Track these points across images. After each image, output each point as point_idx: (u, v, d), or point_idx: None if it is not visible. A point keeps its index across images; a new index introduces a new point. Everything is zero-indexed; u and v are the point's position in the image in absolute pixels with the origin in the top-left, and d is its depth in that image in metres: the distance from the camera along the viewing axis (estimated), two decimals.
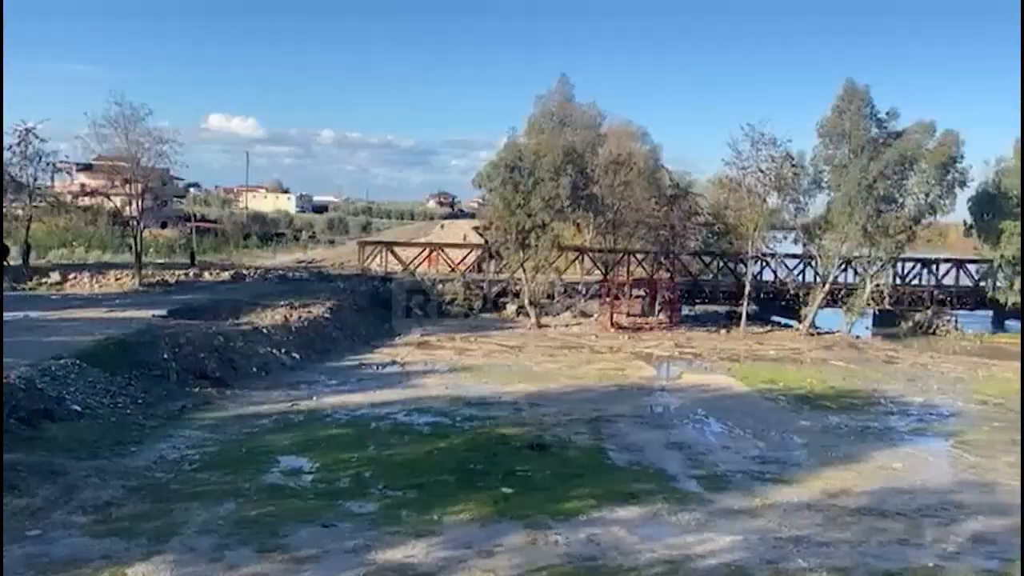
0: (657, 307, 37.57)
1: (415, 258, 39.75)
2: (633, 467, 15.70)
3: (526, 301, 34.93)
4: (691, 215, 38.68)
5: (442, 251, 40.95)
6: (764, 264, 39.77)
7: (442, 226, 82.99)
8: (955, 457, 17.78)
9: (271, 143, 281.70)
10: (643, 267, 39.41)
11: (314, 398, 20.27)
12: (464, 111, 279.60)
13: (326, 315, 29.21)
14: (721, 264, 41.21)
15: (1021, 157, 34.92)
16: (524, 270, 34.80)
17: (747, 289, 36.55)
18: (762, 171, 35.82)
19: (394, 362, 25.97)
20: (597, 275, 38.68)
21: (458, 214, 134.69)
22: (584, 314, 36.71)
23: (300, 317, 27.89)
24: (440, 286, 37.07)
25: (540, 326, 34.16)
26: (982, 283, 39.70)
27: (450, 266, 39.55)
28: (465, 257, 41.10)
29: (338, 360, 25.73)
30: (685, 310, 39.88)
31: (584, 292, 37.63)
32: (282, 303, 29.63)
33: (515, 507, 12.97)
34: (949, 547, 12.18)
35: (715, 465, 16.04)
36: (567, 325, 35.12)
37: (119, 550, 10.48)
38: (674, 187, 39.97)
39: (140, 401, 18.42)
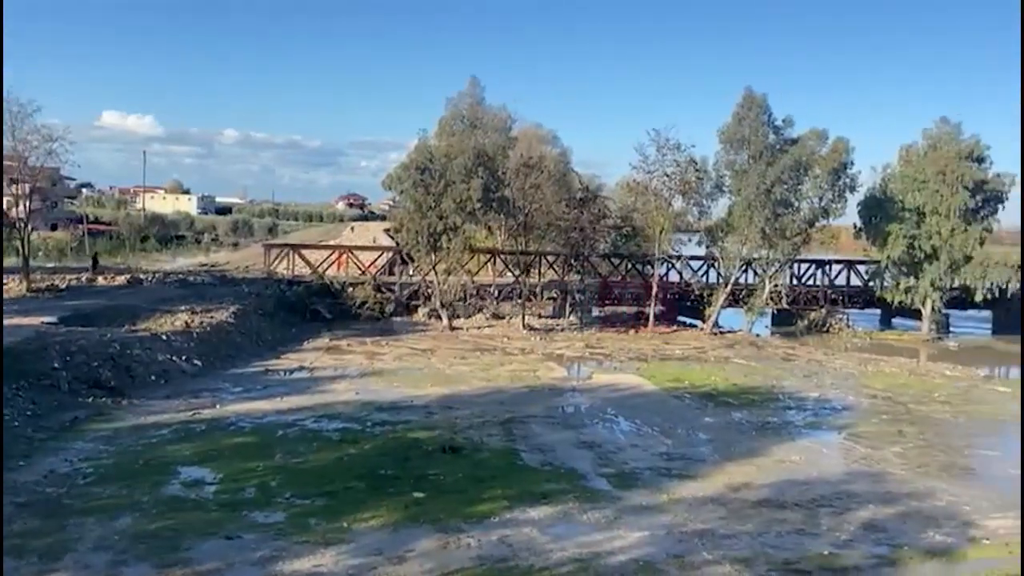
0: (568, 308, 38.07)
1: (324, 261, 38.95)
2: (545, 467, 15.84)
3: (438, 304, 34.78)
4: (600, 218, 39.30)
5: (352, 254, 40.29)
6: (670, 266, 40.91)
7: (352, 228, 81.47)
8: (847, 449, 18.70)
9: (170, 142, 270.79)
10: (554, 269, 39.85)
11: (217, 406, 19.57)
12: (373, 112, 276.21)
13: (230, 320, 28.27)
14: (630, 266, 42.11)
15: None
16: (436, 272, 34.64)
17: (654, 290, 37.51)
18: (668, 175, 36.85)
19: (302, 368, 25.38)
20: (509, 277, 38.86)
21: (368, 216, 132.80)
22: (496, 316, 36.84)
23: (202, 323, 26.89)
24: (350, 289, 36.47)
25: (452, 328, 34.07)
26: (871, 283, 41.93)
27: (360, 269, 38.97)
28: (376, 260, 40.58)
29: (243, 367, 24.93)
30: (595, 311, 40.55)
31: (496, 294, 37.77)
32: (183, 308, 28.49)
33: (427, 511, 12.89)
34: (842, 535, 12.81)
35: (624, 463, 16.36)
36: (479, 327, 35.16)
37: (8, 570, 9.87)
38: (584, 190, 40.54)
39: (28, 413, 17.38)
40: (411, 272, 37.94)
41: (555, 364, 27.89)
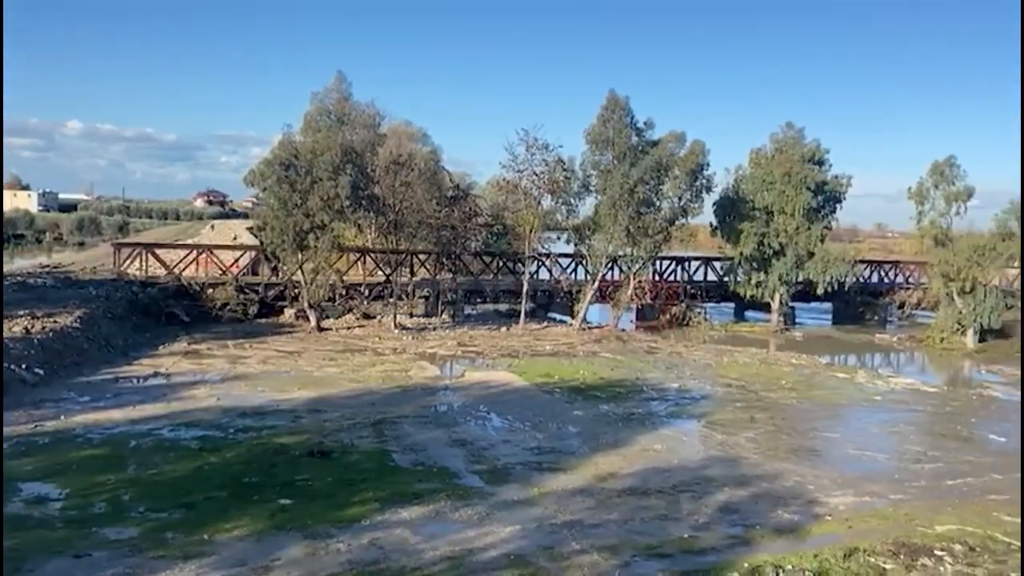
0: (440, 307, 38.01)
1: (181, 261, 36.97)
2: (417, 467, 15.74)
3: (305, 304, 33.80)
4: (472, 216, 39.46)
5: (212, 253, 38.47)
6: (540, 264, 41.66)
7: (212, 227, 77.71)
8: (705, 436, 19.69)
9: (7, 134, 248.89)
10: (426, 267, 39.65)
11: (62, 417, 18.16)
12: (235, 105, 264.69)
13: (76, 325, 26.28)
14: (501, 264, 42.53)
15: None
16: (303, 272, 33.64)
17: (525, 288, 38.07)
18: (537, 175, 37.45)
19: (157, 374, 23.97)
20: (380, 276, 38.33)
21: (230, 214, 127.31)
22: (367, 316, 36.25)
23: (44, 328, 24.86)
24: (210, 290, 34.82)
25: (321, 329, 33.21)
26: (726, 278, 44.32)
27: (221, 269, 37.26)
28: (238, 259, 38.93)
29: (91, 374, 23.27)
30: (468, 309, 40.70)
31: (367, 293, 37.16)
32: (22, 312, 26.24)
33: (294, 518, 12.51)
34: (701, 518, 13.49)
35: (496, 459, 16.52)
36: (349, 327, 34.47)
37: None
38: (455, 188, 40.57)
39: None
40: (276, 272, 36.67)
41: (427, 363, 27.76)
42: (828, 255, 41.39)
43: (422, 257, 39.41)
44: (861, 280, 45.93)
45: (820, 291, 41.98)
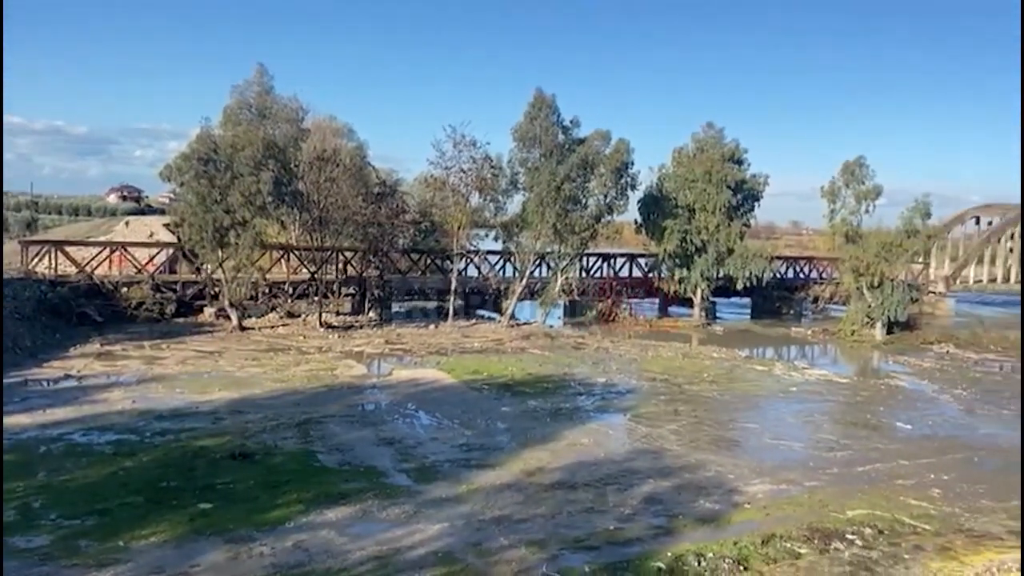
0: (368, 305, 37.56)
1: (93, 259, 35.44)
2: (343, 467, 15.54)
3: (226, 303, 32.89)
4: (399, 213, 39.13)
5: (126, 251, 37.00)
6: (469, 261, 41.63)
7: (127, 223, 74.62)
8: (631, 429, 20.06)
9: None
10: (352, 265, 39.11)
11: None
12: (150, 98, 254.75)
13: None
14: (429, 261, 42.33)
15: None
16: (223, 270, 32.71)
17: (454, 285, 37.99)
18: (464, 172, 37.42)
19: (68, 376, 22.96)
20: (305, 274, 37.61)
21: (145, 210, 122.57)
22: (291, 314, 35.53)
23: None
24: (124, 289, 33.52)
25: (243, 329, 32.38)
26: (650, 274, 45.26)
27: (136, 267, 35.93)
28: (154, 257, 37.61)
29: None
30: (396, 307, 40.35)
31: (291, 292, 36.41)
32: None
33: (215, 522, 12.19)
34: (627, 510, 13.74)
35: (425, 457, 16.45)
36: (273, 327, 33.72)
37: None
38: (382, 185, 40.18)
39: None
40: (195, 270, 35.57)
41: (354, 362, 27.40)
42: (747, 252, 42.66)
43: (348, 254, 38.84)
44: (778, 276, 47.51)
45: (740, 286, 43.26)
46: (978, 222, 59.00)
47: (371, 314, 37.31)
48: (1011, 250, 58.20)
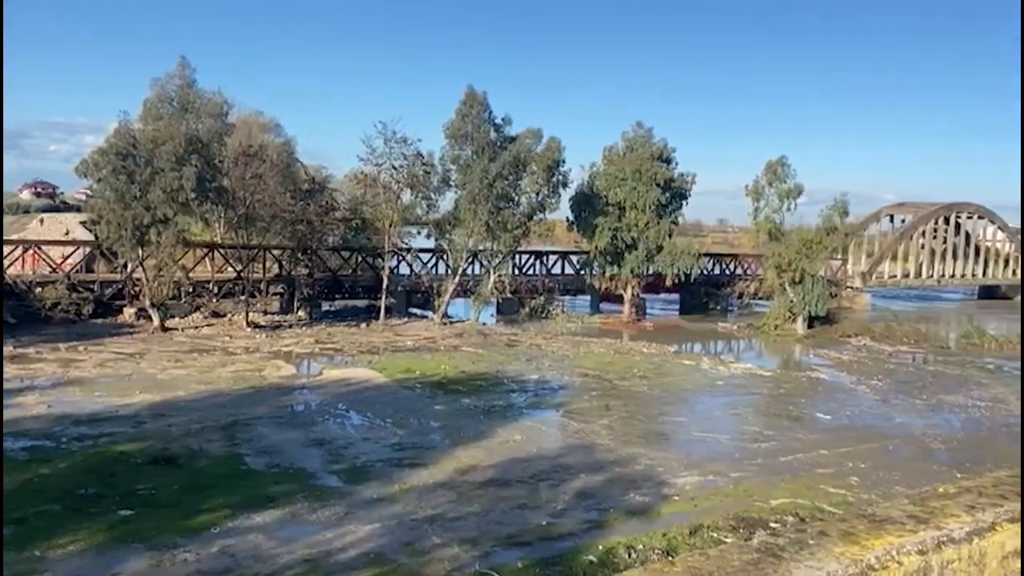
0: (296, 303, 36.86)
1: (5, 258, 33.75)
2: (272, 470, 15.21)
3: (147, 303, 31.79)
4: (329, 210, 38.54)
5: (40, 249, 35.38)
6: (401, 258, 41.29)
7: (41, 220, 71.31)
8: (563, 425, 20.23)
9: None
10: (280, 263, 38.31)
11: None
12: (64, 90, 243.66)
13: None
14: (360, 259, 41.80)
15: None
16: (144, 269, 31.61)
17: (385, 283, 37.61)
18: (396, 168, 37.11)
19: None
20: (231, 272, 36.66)
21: (61, 207, 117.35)
22: (216, 314, 34.59)
23: None
24: (39, 289, 32.05)
25: (165, 329, 31.35)
26: (582, 272, 45.79)
27: (51, 266, 34.38)
28: (70, 255, 36.07)
29: None
30: (326, 305, 39.73)
31: (216, 291, 35.44)
32: None
33: (137, 530, 11.78)
34: (559, 505, 13.85)
35: (356, 457, 16.25)
36: (197, 327, 32.75)
37: None
38: (311, 181, 39.51)
39: None
40: (114, 269, 34.26)
41: (283, 362, 26.84)
42: (676, 249, 43.55)
43: (276, 252, 38.05)
44: (705, 272, 48.69)
45: (669, 283, 44.15)
46: (892, 220, 61.70)
47: (300, 313, 36.64)
48: (923, 247, 61.04)
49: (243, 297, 34.41)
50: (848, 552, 1.70)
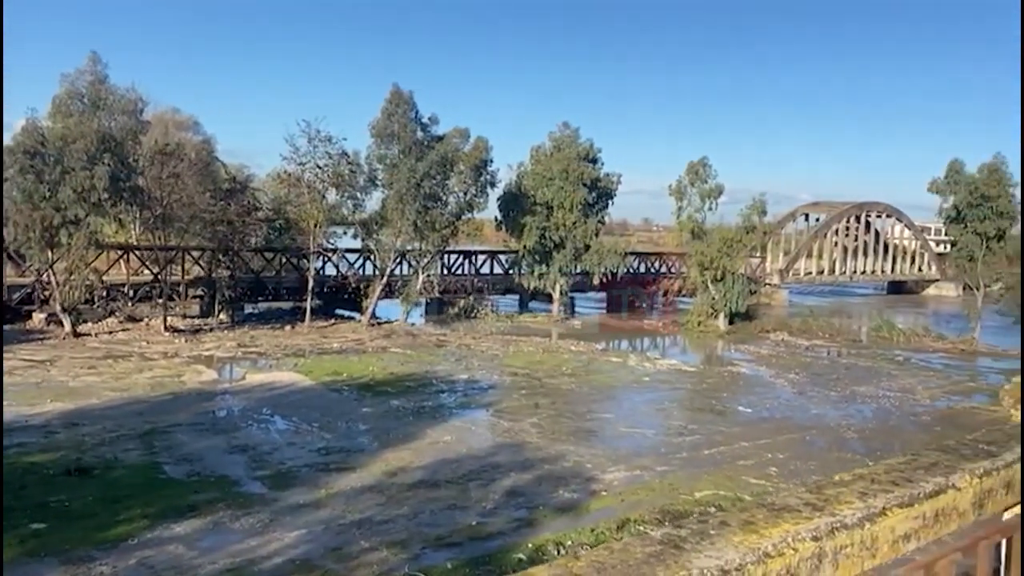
0: (218, 306, 35.84)
1: None
2: (192, 478, 14.75)
3: (58, 307, 30.38)
4: (251, 210, 37.58)
5: None
6: (326, 259, 40.62)
7: None
8: (493, 424, 20.28)
9: None
10: (200, 265, 37.19)
11: None
12: None
13: None
14: (284, 260, 40.94)
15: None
16: (54, 272, 30.21)
17: (310, 284, 36.94)
18: (320, 167, 36.49)
19: None
20: (148, 275, 35.39)
21: None
22: (132, 319, 33.32)
23: None
24: None
25: (77, 335, 30.03)
26: (511, 271, 45.99)
27: None
28: None
29: None
30: (249, 308, 38.77)
31: (132, 295, 34.14)
32: None
33: (50, 543, 11.28)
34: (489, 504, 13.87)
35: (281, 463, 15.91)
36: (112, 332, 31.48)
37: None
38: (231, 181, 38.44)
39: None
40: (22, 272, 32.63)
41: (203, 367, 26.06)
42: (602, 248, 44.19)
43: (196, 254, 36.93)
44: (631, 271, 49.53)
45: (596, 281, 44.76)
46: (807, 219, 64.11)
47: (222, 316, 35.65)
48: (836, 244, 63.60)
49: (161, 300, 33.26)
50: (747, 540, 1.74)
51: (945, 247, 65.18)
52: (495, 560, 11.43)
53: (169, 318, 32.91)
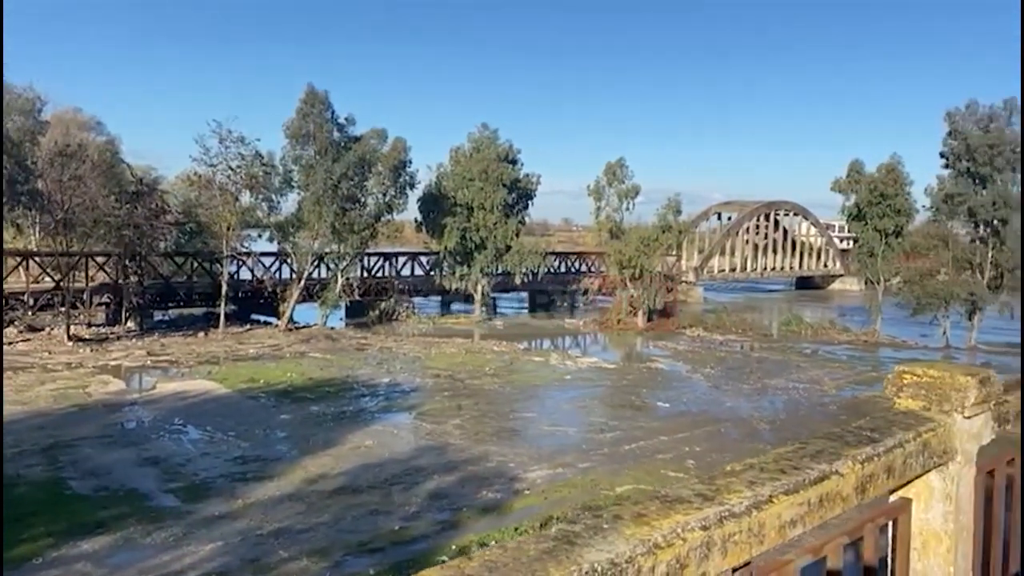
0: (125, 314, 34.41)
1: None
2: (100, 493, 14.14)
3: None
4: (159, 213, 36.18)
5: None
6: (241, 263, 39.53)
7: None
8: (416, 427, 20.16)
9: None
10: (106, 271, 35.60)
11: None
12: None
13: None
14: (196, 264, 39.62)
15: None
16: None
17: (224, 289, 35.86)
18: (233, 169, 35.47)
19: None
20: (49, 282, 33.64)
21: None
22: (33, 328, 31.64)
23: None
24: None
25: None
26: (432, 272, 45.79)
27: None
28: None
29: None
30: (158, 315, 37.36)
31: (32, 303, 32.41)
32: None
33: None
34: (412, 508, 13.79)
35: (195, 474, 15.42)
36: (11, 343, 29.75)
37: None
38: (138, 183, 36.95)
39: None
40: None
41: (111, 377, 24.98)
42: (523, 248, 44.50)
43: (101, 260, 35.32)
44: (552, 270, 50.05)
45: (518, 281, 45.04)
46: (720, 217, 66.14)
47: (130, 324, 34.23)
48: (747, 242, 65.84)
49: (63, 309, 31.68)
50: (638, 533, 1.79)
51: (848, 243, 68.46)
52: (418, 564, 11.37)
53: (73, 327, 31.38)
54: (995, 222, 38.77)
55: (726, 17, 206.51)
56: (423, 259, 46.88)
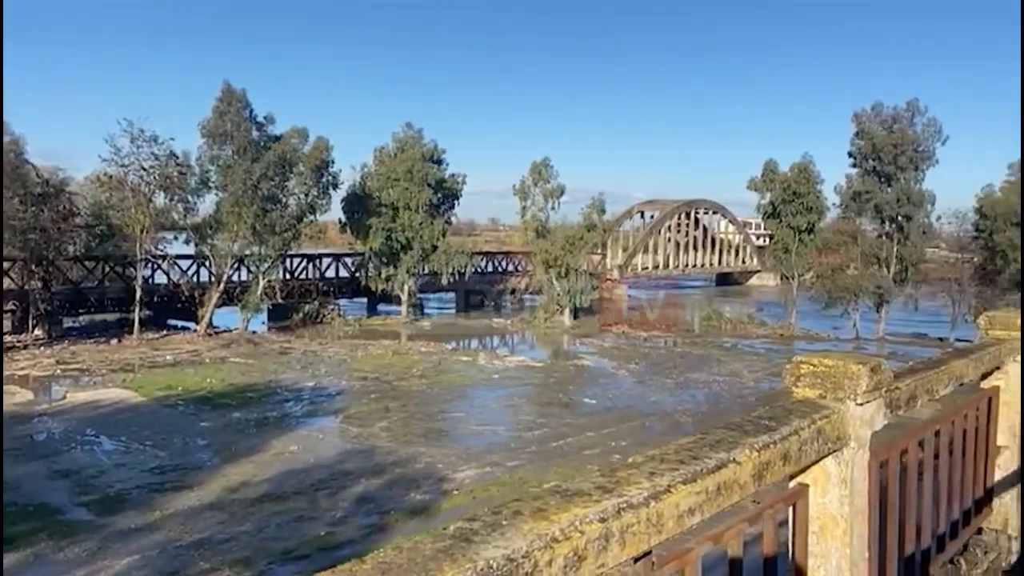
0: (32, 321, 32.77)
1: None
2: (8, 508, 13.41)
3: None
4: (68, 216, 34.62)
5: None
6: (156, 267, 38.19)
7: None
8: (342, 431, 19.88)
9: None
10: (11, 277, 33.85)
11: None
12: None
13: None
14: (108, 269, 38.05)
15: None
16: None
17: (138, 294, 34.58)
18: (146, 169, 34.26)
19: None
20: None
21: None
22: None
23: None
24: None
25: None
26: (357, 273, 45.21)
27: None
28: None
29: None
30: (68, 322, 35.74)
31: None
32: None
33: None
34: (338, 513, 13.62)
35: (109, 486, 14.85)
36: None
37: None
38: (43, 184, 35.23)
39: None
40: None
41: (17, 388, 23.77)
42: (450, 248, 44.40)
43: (5, 265, 33.55)
44: (479, 270, 50.09)
45: (444, 281, 44.91)
46: (643, 216, 67.43)
47: (37, 332, 32.63)
48: (669, 240, 67.34)
49: None
50: (536, 527, 1.83)
51: (765, 240, 70.78)
52: None
53: None
54: (899, 218, 40.79)
55: (638, 19, 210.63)
56: (348, 260, 46.24)
